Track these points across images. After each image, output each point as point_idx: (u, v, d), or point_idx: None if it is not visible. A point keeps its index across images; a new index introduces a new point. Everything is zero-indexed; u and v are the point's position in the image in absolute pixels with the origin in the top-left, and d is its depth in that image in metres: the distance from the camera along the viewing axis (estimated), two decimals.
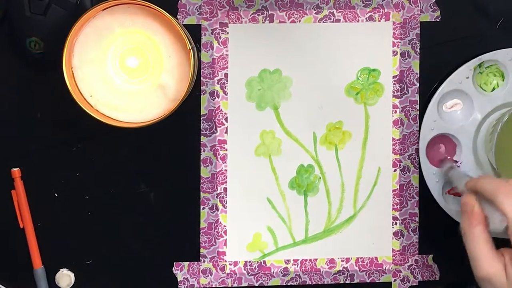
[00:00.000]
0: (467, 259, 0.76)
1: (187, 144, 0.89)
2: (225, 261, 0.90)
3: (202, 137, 0.89)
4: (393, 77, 0.90)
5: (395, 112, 0.90)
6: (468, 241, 0.76)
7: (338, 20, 0.90)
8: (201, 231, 0.90)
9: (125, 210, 0.89)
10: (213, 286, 0.90)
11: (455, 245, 0.83)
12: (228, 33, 0.89)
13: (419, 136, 0.90)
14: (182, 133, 0.89)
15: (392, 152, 0.91)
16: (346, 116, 0.91)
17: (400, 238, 0.91)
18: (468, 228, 0.76)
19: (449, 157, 0.90)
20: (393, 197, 0.91)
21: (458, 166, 0.90)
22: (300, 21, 0.89)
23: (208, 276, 0.90)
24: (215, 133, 0.89)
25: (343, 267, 0.92)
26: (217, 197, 0.90)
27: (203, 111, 0.89)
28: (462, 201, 0.78)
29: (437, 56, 0.90)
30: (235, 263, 0.91)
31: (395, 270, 0.92)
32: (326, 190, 0.91)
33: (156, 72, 0.81)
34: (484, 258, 0.74)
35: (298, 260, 0.91)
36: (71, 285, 0.90)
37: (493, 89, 0.90)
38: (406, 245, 0.91)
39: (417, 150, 0.91)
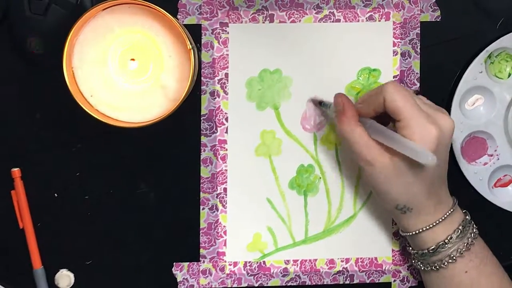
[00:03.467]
0: None
1: (187, 144, 0.89)
2: (225, 261, 0.90)
3: (202, 137, 0.89)
4: (394, 77, 0.90)
5: None
6: (346, 138, 0.80)
7: (338, 20, 0.90)
8: (201, 231, 0.90)
9: (125, 210, 0.89)
10: (213, 286, 0.90)
11: None
12: (228, 33, 0.89)
13: None
14: (182, 133, 0.89)
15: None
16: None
17: (400, 238, 0.91)
18: (342, 126, 0.80)
19: None
20: None
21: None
22: (300, 21, 0.89)
23: (207, 276, 0.90)
24: (215, 133, 0.89)
25: (343, 268, 0.92)
26: (217, 197, 0.90)
27: (203, 111, 0.89)
28: (334, 101, 0.83)
29: (437, 56, 0.90)
30: (235, 264, 0.91)
31: (394, 271, 0.92)
32: (326, 190, 0.91)
33: (157, 72, 0.81)
34: (366, 148, 0.78)
35: (298, 260, 0.91)
36: (71, 286, 0.90)
37: (509, 74, 0.91)
38: (406, 245, 0.91)
39: None
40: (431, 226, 0.80)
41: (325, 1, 0.89)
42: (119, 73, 0.81)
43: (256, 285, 0.91)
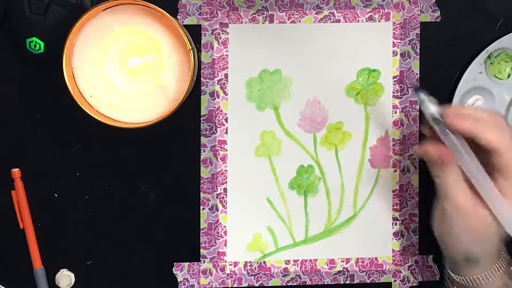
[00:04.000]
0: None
1: (187, 144, 0.89)
2: (225, 261, 0.90)
3: (202, 137, 0.89)
4: (393, 77, 0.90)
5: (395, 112, 0.91)
6: (444, 183, 0.76)
7: (338, 21, 0.90)
8: (201, 232, 0.90)
9: (125, 210, 0.89)
10: (213, 286, 0.91)
11: None
12: (228, 33, 0.89)
13: (419, 136, 0.91)
14: (182, 134, 0.89)
15: (392, 153, 0.91)
16: (346, 117, 0.91)
17: (400, 238, 0.91)
18: (444, 175, 0.76)
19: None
20: (393, 198, 0.91)
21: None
22: (300, 21, 0.89)
23: (208, 276, 0.90)
24: (215, 133, 0.89)
25: (343, 268, 0.92)
26: (217, 197, 0.90)
27: (203, 111, 0.89)
28: (422, 151, 0.78)
29: (437, 56, 0.90)
30: (235, 264, 0.91)
31: (395, 271, 0.92)
32: (326, 190, 0.91)
33: (156, 72, 0.81)
34: (461, 189, 0.75)
35: (298, 260, 0.91)
36: (71, 286, 0.90)
37: (509, 75, 0.91)
38: (406, 246, 0.91)
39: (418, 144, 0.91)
40: (491, 277, 0.78)
41: (325, 1, 0.89)
42: (119, 73, 0.82)
43: (257, 285, 0.91)
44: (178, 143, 0.89)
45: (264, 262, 0.91)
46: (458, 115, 0.75)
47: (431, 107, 0.77)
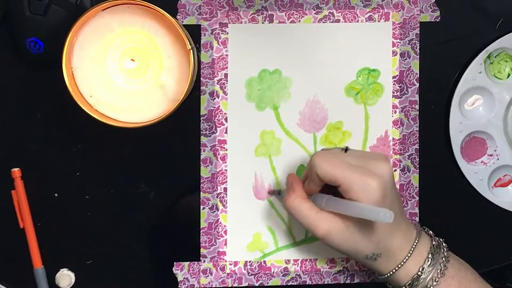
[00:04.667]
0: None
1: (187, 144, 0.89)
2: (225, 261, 0.91)
3: (202, 137, 0.89)
4: (393, 77, 0.90)
5: (395, 112, 0.91)
6: (294, 215, 0.81)
7: (338, 20, 0.90)
8: (201, 231, 0.90)
9: (125, 210, 0.90)
10: (213, 286, 0.91)
11: (455, 245, 0.83)
12: (227, 33, 0.89)
13: (419, 136, 0.91)
14: (182, 133, 0.89)
15: (392, 152, 0.91)
16: (346, 116, 0.91)
17: None
18: (292, 202, 0.81)
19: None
20: None
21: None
22: (299, 21, 0.89)
23: (208, 276, 0.90)
24: (215, 133, 0.89)
25: (344, 267, 0.92)
26: (217, 197, 0.90)
27: (203, 111, 0.89)
28: (286, 182, 0.86)
29: (437, 56, 0.90)
30: (235, 263, 0.91)
31: None
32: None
33: (156, 72, 0.81)
34: (316, 221, 0.79)
35: (298, 260, 0.91)
36: (71, 285, 0.90)
37: (509, 75, 0.91)
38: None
39: (417, 150, 0.91)
40: (402, 264, 0.80)
41: (324, 1, 0.89)
42: (119, 73, 0.82)
43: (257, 284, 0.91)
44: (178, 143, 0.90)
45: (264, 261, 0.91)
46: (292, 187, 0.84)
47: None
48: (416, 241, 0.81)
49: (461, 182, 0.91)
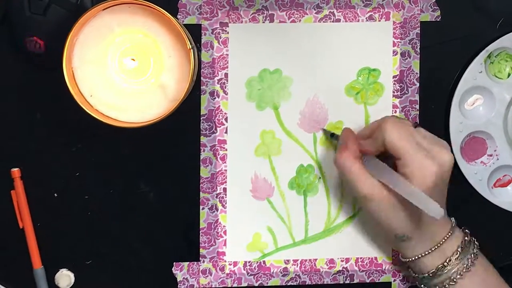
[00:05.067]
0: None
1: (187, 144, 0.89)
2: (225, 261, 0.90)
3: (202, 137, 0.89)
4: (393, 77, 0.90)
5: (395, 112, 0.91)
6: (344, 173, 0.81)
7: (338, 20, 0.90)
8: (200, 231, 0.90)
9: (125, 210, 0.89)
10: (213, 286, 0.91)
11: None
12: (228, 32, 0.89)
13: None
14: (182, 133, 0.89)
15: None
16: (346, 116, 0.91)
17: None
18: (341, 160, 0.81)
19: None
20: None
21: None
22: (300, 21, 0.89)
23: (207, 276, 0.90)
24: (215, 133, 0.89)
25: (343, 267, 0.92)
26: (216, 197, 0.90)
27: (203, 111, 0.89)
28: (340, 136, 0.85)
29: (437, 56, 0.91)
30: (235, 263, 0.91)
31: (394, 270, 0.92)
32: (326, 190, 0.91)
33: (156, 72, 0.81)
34: (364, 183, 0.79)
35: (297, 260, 0.91)
36: (71, 285, 0.90)
37: (509, 75, 0.91)
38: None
39: None
40: (430, 251, 0.81)
41: (325, 1, 0.89)
42: (119, 73, 0.81)
43: (256, 284, 0.91)
44: (178, 143, 0.89)
45: (264, 262, 0.91)
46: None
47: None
48: (449, 234, 0.82)
49: (461, 182, 0.91)
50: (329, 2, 0.89)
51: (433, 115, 0.91)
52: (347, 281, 0.92)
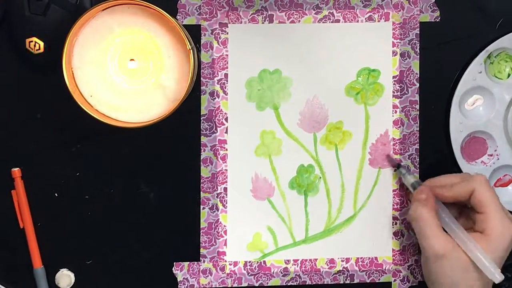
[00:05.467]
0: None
1: (187, 144, 0.89)
2: (225, 261, 0.90)
3: (202, 137, 0.89)
4: (393, 77, 0.90)
5: (395, 112, 0.91)
6: (421, 224, 0.81)
7: (338, 21, 0.90)
8: (201, 231, 0.90)
9: (125, 210, 0.89)
10: (213, 286, 0.91)
11: None
12: (227, 33, 0.89)
13: (419, 136, 0.91)
14: (182, 133, 0.89)
15: (392, 152, 0.91)
16: (346, 116, 0.91)
17: (400, 238, 0.91)
18: (421, 213, 0.81)
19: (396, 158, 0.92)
20: (393, 197, 0.91)
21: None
22: (299, 21, 0.89)
23: (208, 276, 0.90)
24: (215, 133, 0.89)
25: (343, 267, 0.92)
26: (217, 197, 0.90)
27: (203, 111, 0.89)
28: (417, 192, 0.84)
29: (437, 56, 0.90)
30: (235, 263, 0.91)
31: (395, 270, 0.92)
32: (326, 190, 0.91)
33: (156, 72, 0.81)
34: (439, 236, 0.80)
35: (298, 260, 0.91)
36: (71, 285, 0.90)
37: (509, 75, 0.91)
38: (406, 245, 0.91)
39: (417, 150, 0.91)
40: None
41: (324, 1, 0.89)
42: (119, 73, 0.82)
43: (257, 284, 0.91)
44: (178, 143, 0.89)
45: (264, 261, 0.91)
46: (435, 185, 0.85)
47: (410, 179, 0.88)
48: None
49: None
50: (329, 3, 0.89)
51: (433, 115, 0.91)
52: (348, 281, 0.92)
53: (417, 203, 0.82)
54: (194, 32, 0.88)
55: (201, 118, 0.89)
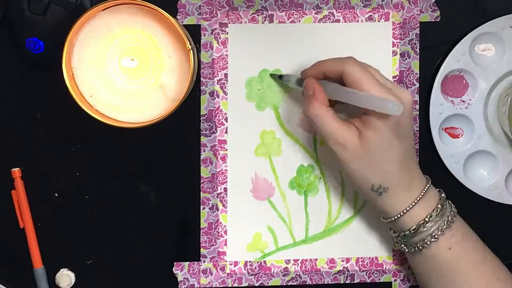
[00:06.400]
0: None
1: (187, 144, 0.89)
2: (225, 261, 0.91)
3: (202, 137, 0.89)
4: (393, 77, 0.90)
5: None
6: (317, 122, 0.80)
7: (338, 20, 0.90)
8: (201, 231, 0.90)
9: (125, 210, 0.90)
10: (213, 286, 0.91)
11: None
12: (227, 33, 0.89)
13: (419, 136, 0.91)
14: (182, 133, 0.89)
15: None
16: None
17: None
18: (313, 110, 0.80)
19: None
20: None
21: None
22: (299, 21, 0.89)
23: (208, 276, 0.90)
24: (215, 133, 0.89)
25: (344, 267, 0.92)
26: (217, 197, 0.90)
27: (203, 111, 0.89)
28: (304, 88, 0.82)
29: (437, 56, 0.90)
30: (235, 263, 0.91)
31: (395, 270, 0.92)
32: (326, 190, 0.91)
33: (156, 72, 0.81)
34: (337, 130, 0.79)
35: (298, 260, 0.91)
36: (71, 285, 0.90)
37: None
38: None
39: (417, 150, 0.91)
40: (410, 206, 0.81)
41: (324, 1, 0.89)
42: (119, 73, 0.82)
43: (257, 284, 0.91)
44: (178, 143, 0.90)
45: (264, 261, 0.91)
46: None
47: (293, 77, 0.87)
48: (427, 188, 0.82)
49: (461, 182, 0.91)
50: (329, 3, 0.89)
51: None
52: (348, 281, 0.92)
53: (308, 102, 0.81)
54: (194, 32, 0.88)
55: (201, 118, 0.89)
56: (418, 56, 0.90)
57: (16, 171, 0.88)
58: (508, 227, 0.94)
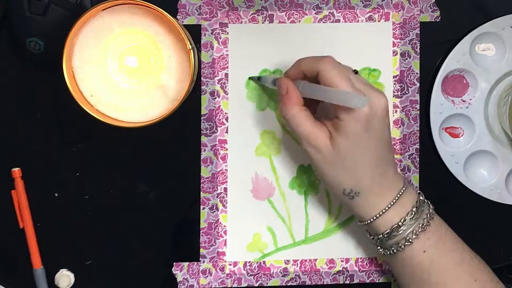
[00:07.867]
0: None
1: (187, 144, 0.89)
2: (225, 261, 0.90)
3: (202, 136, 0.89)
4: (393, 77, 0.90)
5: (396, 112, 0.91)
6: (290, 122, 0.80)
7: (338, 20, 0.90)
8: (201, 231, 0.90)
9: (125, 210, 0.90)
10: (213, 286, 0.91)
11: None
12: (228, 33, 0.89)
13: (420, 136, 0.91)
14: (182, 133, 0.89)
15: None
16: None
17: None
18: (287, 110, 0.80)
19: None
20: None
21: None
22: (299, 21, 0.89)
23: (207, 276, 0.90)
24: (216, 132, 0.89)
25: (343, 268, 0.92)
26: (217, 197, 0.90)
27: (203, 111, 0.89)
28: (278, 85, 0.82)
29: (437, 56, 0.91)
30: (235, 264, 0.91)
31: None
32: (326, 190, 0.91)
33: (156, 72, 0.81)
34: (311, 131, 0.79)
35: (298, 260, 0.91)
36: (70, 286, 0.90)
37: None
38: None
39: (417, 150, 0.91)
40: (383, 211, 0.80)
41: (324, 1, 0.89)
42: (119, 73, 0.82)
43: (256, 285, 0.91)
44: (178, 143, 0.90)
45: (264, 262, 0.91)
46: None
47: (269, 77, 0.86)
48: (402, 191, 0.81)
49: (462, 182, 0.91)
50: (329, 3, 0.89)
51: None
52: (347, 281, 0.92)
53: (281, 101, 0.80)
54: (194, 32, 0.88)
55: (201, 118, 0.89)
56: (419, 56, 0.90)
57: (16, 171, 0.88)
58: (508, 227, 0.94)
